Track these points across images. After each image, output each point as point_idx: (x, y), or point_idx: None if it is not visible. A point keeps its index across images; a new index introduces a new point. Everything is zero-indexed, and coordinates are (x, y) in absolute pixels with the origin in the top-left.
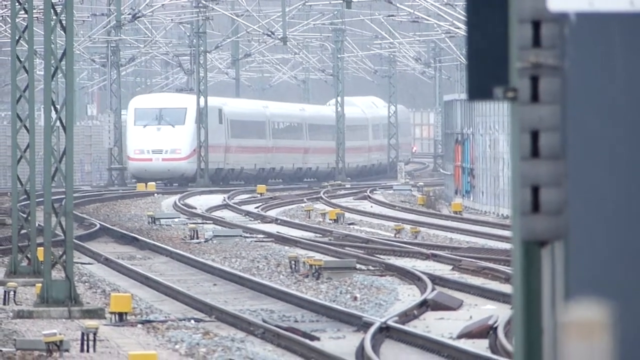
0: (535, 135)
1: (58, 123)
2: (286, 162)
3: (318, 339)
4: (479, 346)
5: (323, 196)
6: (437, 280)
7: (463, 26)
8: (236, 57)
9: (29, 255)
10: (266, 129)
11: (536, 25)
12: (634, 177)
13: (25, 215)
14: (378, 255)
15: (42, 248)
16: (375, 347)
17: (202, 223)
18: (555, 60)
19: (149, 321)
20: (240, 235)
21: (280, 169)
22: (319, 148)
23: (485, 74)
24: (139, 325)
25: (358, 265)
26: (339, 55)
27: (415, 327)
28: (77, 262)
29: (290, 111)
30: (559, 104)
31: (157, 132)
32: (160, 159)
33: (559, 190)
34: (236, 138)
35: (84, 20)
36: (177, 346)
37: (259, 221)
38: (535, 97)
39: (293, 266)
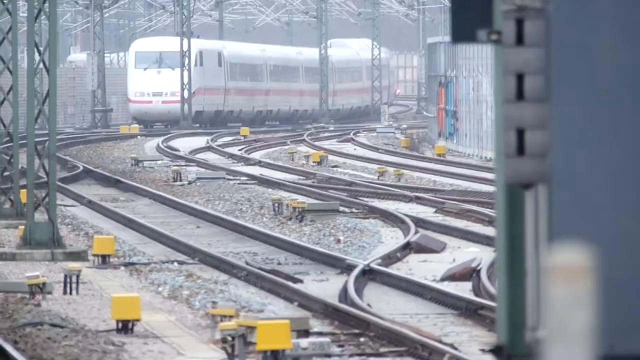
0: (520, 78)
1: (41, 65)
2: (283, 105)
3: (301, 281)
4: (462, 289)
5: (306, 139)
6: (420, 222)
7: None
8: None
9: (11, 198)
10: (264, 72)
11: None
12: (618, 119)
13: (8, 158)
14: (361, 198)
15: (25, 190)
16: (359, 290)
17: (185, 165)
18: (540, 3)
19: (132, 263)
20: (224, 178)
21: (278, 111)
22: (315, 90)
23: (469, 16)
24: (122, 268)
25: (341, 208)
26: None
27: (399, 269)
28: (60, 205)
29: (287, 54)
30: (543, 46)
31: (157, 75)
32: (160, 102)
33: (544, 133)
34: (235, 81)
35: None
36: (160, 288)
37: (242, 164)
38: (520, 39)
39: (276, 208)
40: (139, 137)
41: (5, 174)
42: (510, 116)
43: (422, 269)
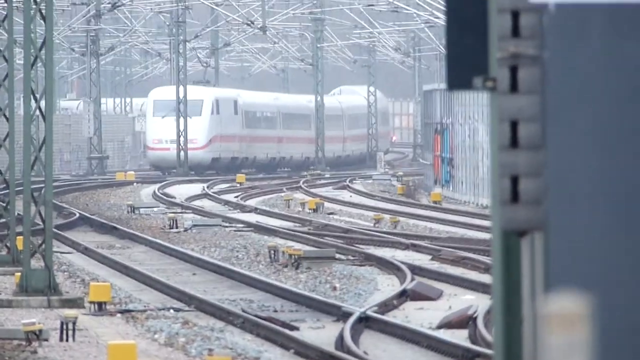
0: (514, 125)
1: (37, 112)
2: (295, 152)
3: (297, 328)
4: (459, 336)
5: (302, 185)
6: (416, 270)
7: (442, 16)
8: (216, 46)
9: (8, 244)
10: (277, 120)
11: (515, 15)
12: (614, 168)
13: (4, 204)
14: (357, 245)
15: (21, 237)
16: (355, 337)
17: (182, 212)
18: (534, 51)
19: (128, 310)
20: (220, 225)
21: (290, 158)
22: (329, 137)
23: (465, 63)
24: (118, 315)
25: (337, 255)
26: (318, 45)
27: (395, 317)
28: (57, 251)
29: (298, 102)
30: (539, 94)
31: (175, 123)
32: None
33: (538, 180)
34: (250, 128)
35: (63, 10)
36: (156, 336)
37: (239, 210)
38: (514, 87)
39: (272, 256)
40: (135, 184)
41: (2, 220)
42: (505, 163)
43: (419, 316)
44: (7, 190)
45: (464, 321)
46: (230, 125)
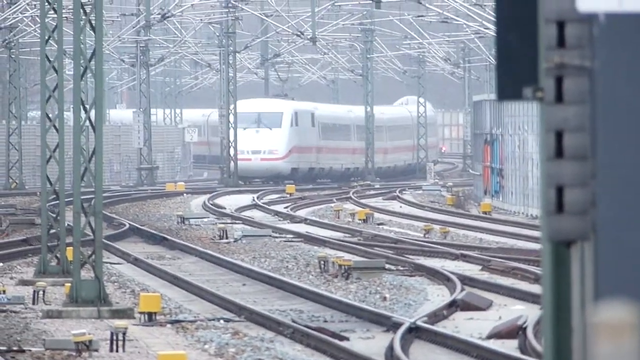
0: (559, 136)
1: (87, 123)
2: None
3: (347, 339)
4: (509, 346)
5: (352, 196)
6: (466, 280)
7: (492, 26)
8: (265, 57)
9: (58, 255)
10: (351, 131)
11: (561, 25)
12: None
13: (54, 215)
14: (407, 256)
15: (71, 248)
16: (405, 348)
17: (232, 223)
18: (580, 61)
19: (178, 321)
20: (270, 235)
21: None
22: (396, 147)
23: (515, 74)
24: (168, 325)
25: (387, 266)
26: (368, 56)
27: (445, 327)
28: (106, 262)
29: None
30: (585, 104)
31: (256, 134)
32: (259, 159)
33: (584, 191)
34: (326, 140)
35: (113, 20)
36: (206, 346)
37: (288, 221)
38: (559, 97)
39: (322, 266)
40: (185, 194)
41: (52, 231)
42: (550, 173)
43: (468, 326)
44: (57, 201)
45: (514, 331)
46: (307, 136)
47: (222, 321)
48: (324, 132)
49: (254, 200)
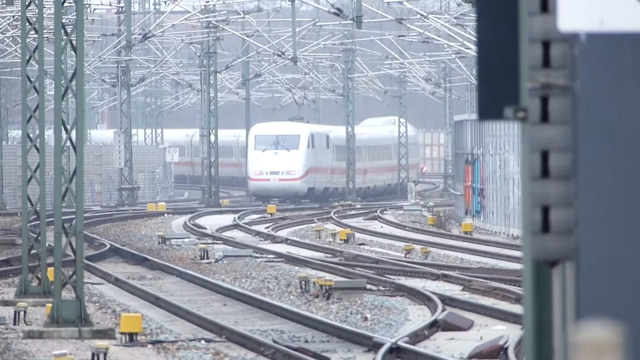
0: (545, 156)
1: (68, 143)
2: (377, 181)
3: (329, 359)
4: None
5: (333, 216)
6: (447, 300)
7: (473, 46)
8: (246, 77)
9: (39, 275)
10: (363, 153)
11: (546, 45)
12: None
13: (35, 235)
14: (388, 276)
15: (52, 268)
16: None
17: (212, 243)
18: (565, 81)
19: (160, 341)
20: (251, 256)
21: (374, 187)
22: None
23: (496, 93)
24: (150, 346)
25: (368, 286)
26: (349, 76)
27: (426, 347)
28: (88, 282)
29: (381, 134)
30: (569, 124)
31: (275, 156)
32: (277, 179)
33: (569, 211)
34: (340, 161)
35: (94, 41)
36: None
37: (269, 241)
38: (545, 117)
39: (303, 286)
40: (166, 214)
41: (33, 251)
42: (536, 193)
43: (450, 346)
44: (38, 222)
45: (495, 351)
46: (323, 158)
47: (203, 341)
48: (338, 154)
49: (235, 220)
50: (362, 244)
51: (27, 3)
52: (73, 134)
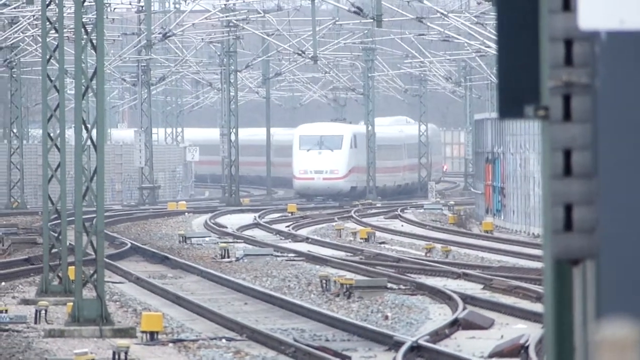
0: (567, 154)
1: (89, 142)
2: (413, 178)
3: (349, 358)
4: None
5: (354, 215)
6: (468, 299)
7: (493, 45)
8: (267, 76)
9: (60, 274)
10: (402, 150)
11: (568, 43)
12: None
13: (56, 235)
14: (409, 274)
15: (73, 267)
16: None
17: (233, 242)
18: (587, 79)
19: (180, 340)
20: (271, 254)
21: (412, 184)
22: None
23: (516, 92)
24: (170, 344)
25: (389, 285)
26: (369, 74)
27: (447, 346)
28: (108, 281)
29: (413, 134)
30: (591, 122)
31: (319, 156)
32: (321, 178)
33: (591, 209)
34: (380, 160)
35: (114, 40)
36: None
37: (290, 240)
38: (567, 115)
39: (324, 285)
40: (186, 214)
41: (54, 250)
42: (558, 192)
43: (471, 345)
44: (59, 221)
45: (516, 350)
46: (365, 157)
47: (224, 340)
48: (379, 152)
49: (255, 219)
50: (383, 242)
51: (47, 2)
52: (94, 133)
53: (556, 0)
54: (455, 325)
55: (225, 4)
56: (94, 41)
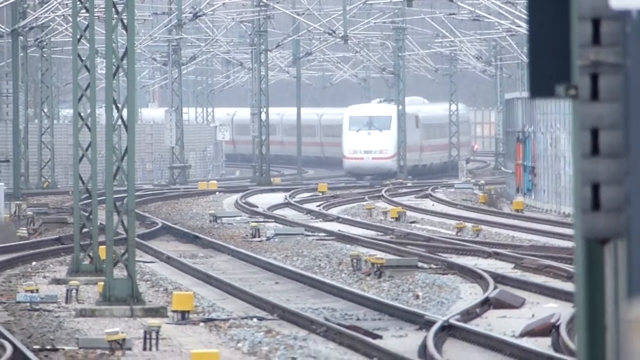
0: (595, 133)
1: (119, 122)
2: (462, 154)
3: (380, 337)
4: (542, 344)
5: (384, 194)
6: (499, 278)
7: (524, 24)
8: (297, 56)
9: (91, 254)
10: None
11: (596, 22)
12: None
13: (87, 214)
14: (440, 254)
15: (104, 246)
16: (438, 346)
17: (264, 221)
18: (615, 58)
19: (211, 319)
20: (302, 234)
21: (457, 159)
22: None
23: (547, 71)
24: (201, 324)
25: (420, 264)
26: (399, 54)
27: (478, 325)
28: (139, 261)
29: (462, 111)
30: (620, 101)
31: (368, 136)
32: (370, 158)
33: (620, 188)
34: (427, 139)
35: (145, 19)
36: (239, 344)
37: (321, 219)
38: (595, 94)
39: (355, 264)
40: (217, 193)
41: (84, 230)
42: (586, 171)
43: (502, 324)
44: (90, 200)
45: (547, 329)
46: (412, 137)
47: (255, 319)
48: (426, 132)
49: (286, 198)
50: (414, 222)
51: None
52: (124, 112)
53: None
54: (486, 304)
55: None
56: (125, 21)
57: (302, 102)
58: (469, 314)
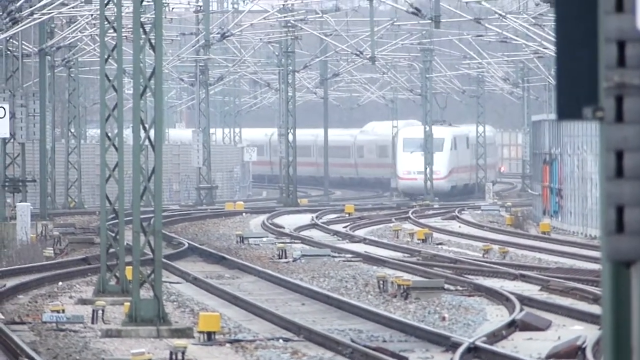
0: (619, 155)
1: (147, 142)
2: (489, 177)
3: (407, 358)
4: None
5: (411, 216)
6: (525, 300)
7: (551, 46)
8: (324, 77)
9: (117, 274)
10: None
11: (621, 44)
12: None
13: (113, 234)
14: (466, 276)
15: (130, 267)
16: None
17: (291, 242)
18: None
19: (238, 340)
20: (329, 255)
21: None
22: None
23: (575, 93)
24: (228, 345)
25: (446, 285)
26: (427, 75)
27: (504, 347)
28: (166, 281)
29: (489, 133)
30: None
31: (421, 157)
32: (423, 179)
33: None
34: (475, 159)
35: (172, 40)
36: None
37: (347, 241)
38: (619, 116)
39: (381, 286)
40: (244, 214)
41: (111, 250)
42: (610, 193)
43: (528, 346)
44: (117, 220)
45: (573, 352)
46: (463, 158)
47: (281, 341)
48: (475, 152)
49: (313, 219)
50: (440, 243)
51: (105, 2)
52: (152, 132)
53: (609, 2)
54: (513, 326)
55: (283, 4)
56: (152, 41)
57: (330, 123)
58: (495, 336)
